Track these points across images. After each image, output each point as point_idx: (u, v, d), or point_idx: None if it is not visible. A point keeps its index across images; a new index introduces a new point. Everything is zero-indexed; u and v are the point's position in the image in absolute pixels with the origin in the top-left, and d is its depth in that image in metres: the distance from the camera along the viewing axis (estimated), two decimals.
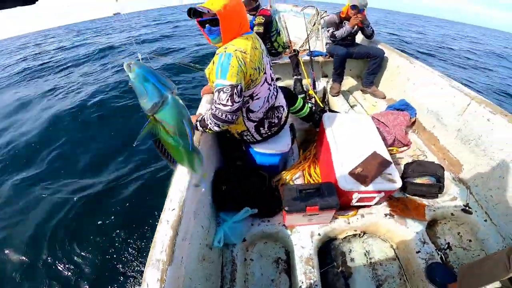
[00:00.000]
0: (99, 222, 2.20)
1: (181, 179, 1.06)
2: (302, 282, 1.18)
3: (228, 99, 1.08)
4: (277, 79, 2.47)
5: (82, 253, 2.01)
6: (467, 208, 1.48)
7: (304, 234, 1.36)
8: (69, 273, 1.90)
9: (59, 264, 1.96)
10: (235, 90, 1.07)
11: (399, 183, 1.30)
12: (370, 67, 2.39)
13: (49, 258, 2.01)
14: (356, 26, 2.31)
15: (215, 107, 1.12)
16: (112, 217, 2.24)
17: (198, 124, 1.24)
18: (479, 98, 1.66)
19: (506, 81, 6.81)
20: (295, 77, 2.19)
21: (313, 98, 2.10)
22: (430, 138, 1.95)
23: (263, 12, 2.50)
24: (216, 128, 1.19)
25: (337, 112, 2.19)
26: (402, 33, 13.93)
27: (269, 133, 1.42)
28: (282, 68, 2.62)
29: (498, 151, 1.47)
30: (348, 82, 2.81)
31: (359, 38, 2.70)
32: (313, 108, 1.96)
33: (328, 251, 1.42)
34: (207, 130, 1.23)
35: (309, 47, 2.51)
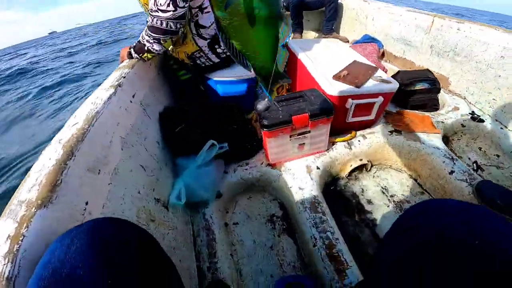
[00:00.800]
0: None
1: (97, 95, 0.68)
2: (316, 239, 0.79)
3: (169, 3, 0.83)
4: None
5: None
6: (475, 115, 1.29)
7: (298, 170, 1.01)
8: None
9: None
10: None
11: (395, 83, 1.06)
12: (327, 14, 2.29)
13: None
14: None
15: (152, 16, 0.86)
16: None
17: (133, 51, 0.97)
18: (440, 15, 1.60)
19: None
20: None
21: None
22: (405, 63, 1.83)
23: None
24: (156, 47, 0.93)
25: None
26: None
27: (227, 53, 1.12)
28: None
29: (481, 52, 1.34)
30: (309, 35, 2.70)
31: None
32: None
33: (334, 196, 1.06)
34: (145, 54, 0.96)
35: None
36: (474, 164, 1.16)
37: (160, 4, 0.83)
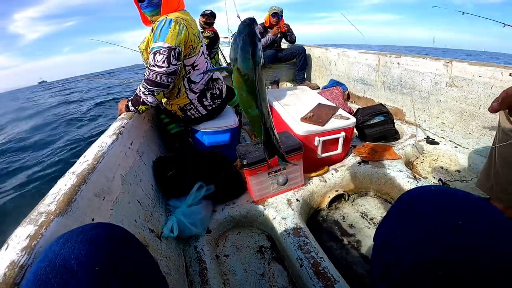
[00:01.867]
0: None
1: (103, 140, 0.85)
2: (302, 260, 0.87)
3: (164, 60, 1.03)
4: None
5: None
6: (430, 139, 1.48)
7: (280, 204, 1.13)
8: None
9: None
10: (173, 52, 1.04)
11: (353, 119, 1.27)
12: (298, 64, 2.67)
13: None
14: (278, 34, 2.64)
15: (150, 70, 1.06)
16: None
17: (130, 104, 1.15)
18: (383, 52, 1.92)
19: None
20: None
21: None
22: (367, 101, 2.11)
23: (212, 29, 2.81)
24: (150, 99, 1.10)
25: None
26: None
27: (213, 106, 1.33)
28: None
29: (420, 82, 1.62)
30: (285, 85, 3.05)
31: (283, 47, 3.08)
32: None
33: (318, 226, 1.17)
34: (140, 106, 1.13)
35: None
36: (440, 182, 1.29)
37: (157, 61, 1.04)
